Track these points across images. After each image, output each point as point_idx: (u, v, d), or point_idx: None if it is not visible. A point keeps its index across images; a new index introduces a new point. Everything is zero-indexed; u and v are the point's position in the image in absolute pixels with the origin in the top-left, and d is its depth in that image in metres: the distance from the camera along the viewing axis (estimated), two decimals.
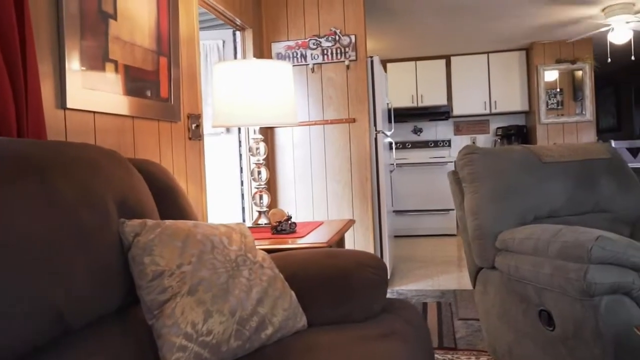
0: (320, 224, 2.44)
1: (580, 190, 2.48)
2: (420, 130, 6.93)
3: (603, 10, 4.92)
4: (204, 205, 2.60)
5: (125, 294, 1.31)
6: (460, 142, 6.86)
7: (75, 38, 1.71)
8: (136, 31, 2.08)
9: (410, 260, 4.84)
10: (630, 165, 4.94)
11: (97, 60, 1.83)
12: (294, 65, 3.78)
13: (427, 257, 5.00)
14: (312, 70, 3.77)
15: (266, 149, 2.36)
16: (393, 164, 4.59)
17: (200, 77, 2.71)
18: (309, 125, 3.78)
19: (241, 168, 3.46)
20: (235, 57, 3.51)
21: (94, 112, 1.80)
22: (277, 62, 2.28)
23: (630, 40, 5.09)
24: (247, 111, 2.18)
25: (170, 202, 1.69)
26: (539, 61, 6.21)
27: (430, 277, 4.13)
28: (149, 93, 2.17)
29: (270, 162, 3.83)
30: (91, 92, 1.78)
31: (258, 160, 2.32)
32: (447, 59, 6.59)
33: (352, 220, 2.55)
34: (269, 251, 1.91)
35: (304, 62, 3.78)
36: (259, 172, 2.32)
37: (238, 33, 3.53)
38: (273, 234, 2.14)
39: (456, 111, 6.56)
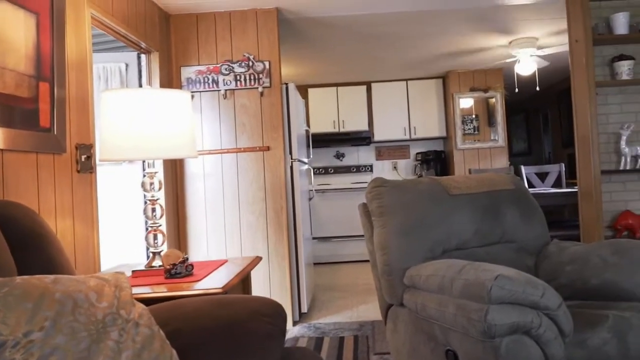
0: (223, 263, 2.29)
1: (487, 221, 2.49)
2: (343, 155, 6.93)
3: (510, 43, 5.16)
4: (96, 246, 2.37)
5: None
6: (382, 167, 6.94)
7: None
8: (8, 54, 1.86)
9: (331, 290, 4.75)
10: (539, 189, 5.17)
11: None
12: (205, 91, 3.63)
13: (348, 284, 4.93)
14: (225, 96, 3.63)
15: (161, 183, 2.18)
16: (312, 191, 4.51)
17: (93, 103, 2.49)
18: (221, 153, 3.62)
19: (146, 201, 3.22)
20: (140, 81, 3.31)
21: None
22: (173, 91, 2.13)
23: (535, 72, 5.37)
24: (138, 143, 2.00)
25: (36, 252, 1.48)
26: (454, 89, 6.43)
27: (350, 307, 4.05)
28: (24, 122, 1.94)
29: (179, 192, 3.62)
30: None
31: (152, 197, 2.14)
32: (368, 85, 6.67)
33: (258, 258, 2.41)
34: (156, 300, 1.73)
35: (215, 88, 3.63)
36: (153, 210, 2.13)
37: (143, 56, 3.33)
38: (166, 278, 1.96)
39: (377, 136, 6.63)
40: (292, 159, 3.75)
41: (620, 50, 4.09)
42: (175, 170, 3.60)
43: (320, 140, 6.50)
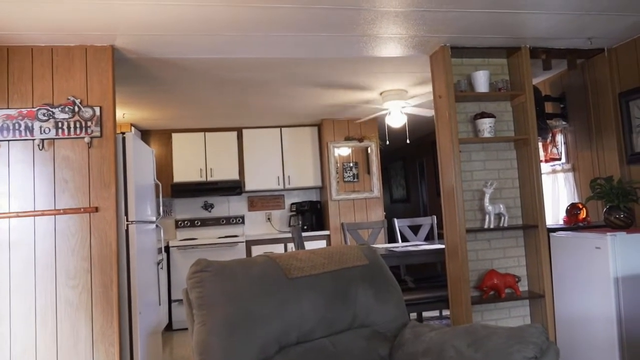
0: None
1: (335, 306, 2.13)
2: (212, 206, 6.39)
3: (381, 94, 5.07)
4: None
5: None
6: (255, 218, 6.49)
7: None
8: None
9: None
10: (411, 244, 5.01)
11: None
12: (15, 140, 2.97)
13: None
14: (41, 146, 3.00)
15: None
16: (162, 257, 3.93)
17: None
18: (34, 215, 2.95)
19: None
20: None
21: None
22: None
23: (405, 125, 5.32)
24: None
25: None
26: (329, 138, 6.24)
27: None
28: None
29: None
30: None
31: None
32: (239, 131, 6.26)
33: None
34: None
35: (29, 137, 2.99)
36: None
37: None
38: None
39: (249, 186, 6.19)
40: (127, 220, 3.18)
41: (482, 108, 4.10)
42: None
43: (185, 190, 5.93)
